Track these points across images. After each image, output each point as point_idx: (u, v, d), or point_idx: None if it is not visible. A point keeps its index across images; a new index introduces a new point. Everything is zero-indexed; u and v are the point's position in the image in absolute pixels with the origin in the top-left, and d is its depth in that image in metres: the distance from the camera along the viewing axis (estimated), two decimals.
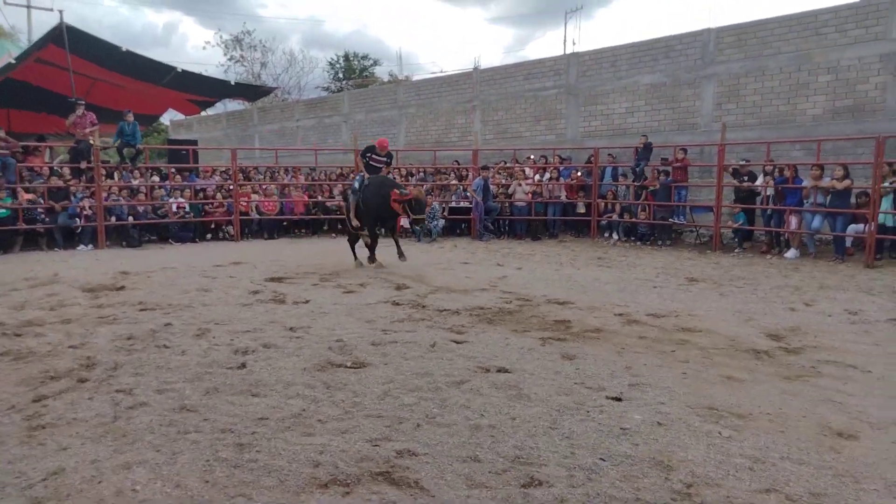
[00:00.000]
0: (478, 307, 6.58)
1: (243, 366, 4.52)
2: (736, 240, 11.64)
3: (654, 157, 12.88)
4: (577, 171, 14.11)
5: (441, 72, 30.04)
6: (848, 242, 10.17)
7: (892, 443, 3.34)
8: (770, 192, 11.06)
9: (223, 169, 15.45)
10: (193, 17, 70.40)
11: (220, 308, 6.50)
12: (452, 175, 15.24)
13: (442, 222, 13.97)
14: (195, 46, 63.68)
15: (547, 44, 70.82)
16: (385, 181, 9.01)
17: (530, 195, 13.96)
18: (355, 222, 9.12)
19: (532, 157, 15.27)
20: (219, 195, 13.83)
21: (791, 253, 10.59)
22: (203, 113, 25.31)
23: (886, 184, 9.62)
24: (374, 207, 8.82)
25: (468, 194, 14.25)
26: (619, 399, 3.93)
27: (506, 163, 15.33)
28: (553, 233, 13.94)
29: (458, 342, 5.20)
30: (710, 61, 13.70)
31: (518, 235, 13.82)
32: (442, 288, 7.72)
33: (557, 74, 16.54)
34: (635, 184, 12.92)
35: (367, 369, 4.46)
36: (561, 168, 14.31)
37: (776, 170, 11.02)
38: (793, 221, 10.74)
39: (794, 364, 4.72)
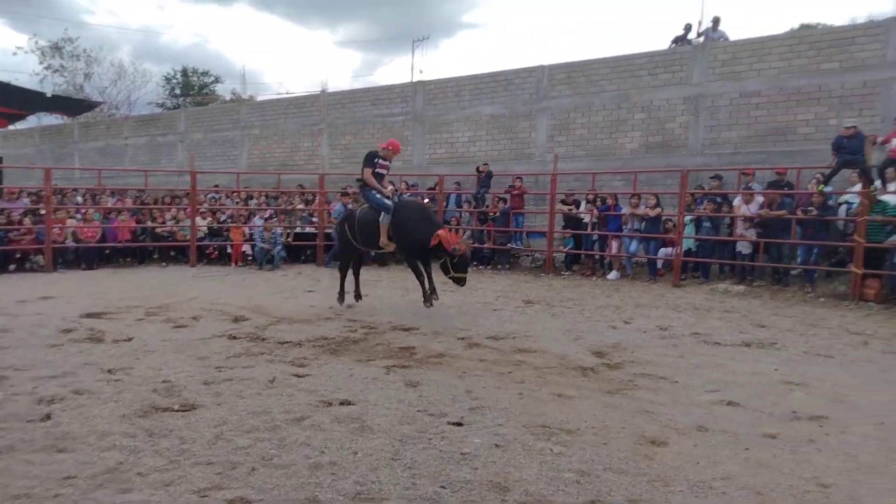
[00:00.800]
0: (321, 337, 6.43)
1: (48, 417, 4.00)
2: (565, 263, 12.53)
3: (495, 184, 13.55)
4: (423, 197, 14.42)
5: (287, 93, 29.41)
6: (659, 264, 11.37)
7: (693, 446, 3.73)
8: (595, 218, 12.08)
9: (34, 190, 13.79)
10: (3, 19, 62.68)
11: (22, 350, 5.71)
12: (297, 199, 14.89)
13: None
14: (4, 51, 56.71)
15: (395, 70, 72.26)
16: (425, 209, 7.69)
17: None
18: (388, 245, 7.67)
19: None
20: (27, 220, 12.28)
21: (613, 275, 11.61)
22: (11, 127, 22.53)
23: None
24: (416, 238, 7.40)
25: (314, 220, 13.98)
26: (459, 424, 4.01)
27: (353, 188, 15.26)
28: (399, 259, 14.04)
29: (299, 376, 5.03)
30: (543, 96, 14.75)
31: (365, 262, 13.76)
32: (284, 318, 7.45)
33: (405, 101, 16.88)
34: (477, 210, 13.49)
35: (198, 411, 4.16)
36: (407, 194, 14.52)
37: (598, 198, 12.08)
38: (614, 246, 11.81)
39: (615, 379, 5.14)
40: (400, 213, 7.53)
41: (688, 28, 13.97)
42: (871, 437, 3.89)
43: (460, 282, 7.43)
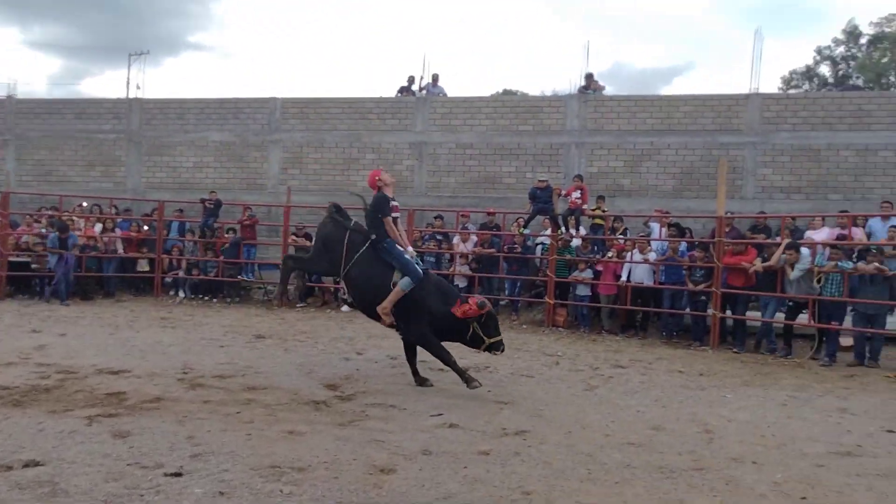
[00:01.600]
0: (0, 387, 5.33)
1: None
2: (300, 295, 12.38)
3: (225, 213, 12.88)
4: (140, 224, 13.04)
5: None
6: None
7: (419, 470, 3.94)
8: None
9: None
10: None
11: None
12: None
13: None
14: None
15: (107, 83, 64.40)
16: (441, 283, 6.43)
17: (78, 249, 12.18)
18: (387, 316, 6.04)
19: (84, 204, 13.46)
20: None
21: (346, 307, 11.81)
22: None
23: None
24: (440, 316, 5.96)
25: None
26: (179, 474, 3.68)
27: (44, 209, 13.13)
28: (109, 291, 12.42)
29: None
30: (275, 128, 14.60)
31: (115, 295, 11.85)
32: None
33: (118, 118, 15.23)
34: (202, 240, 12.66)
35: None
36: (119, 220, 13.00)
37: None
38: None
39: (347, 411, 5.20)
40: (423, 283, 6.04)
41: (411, 80, 15.10)
42: (562, 445, 4.55)
43: (499, 346, 6.00)
